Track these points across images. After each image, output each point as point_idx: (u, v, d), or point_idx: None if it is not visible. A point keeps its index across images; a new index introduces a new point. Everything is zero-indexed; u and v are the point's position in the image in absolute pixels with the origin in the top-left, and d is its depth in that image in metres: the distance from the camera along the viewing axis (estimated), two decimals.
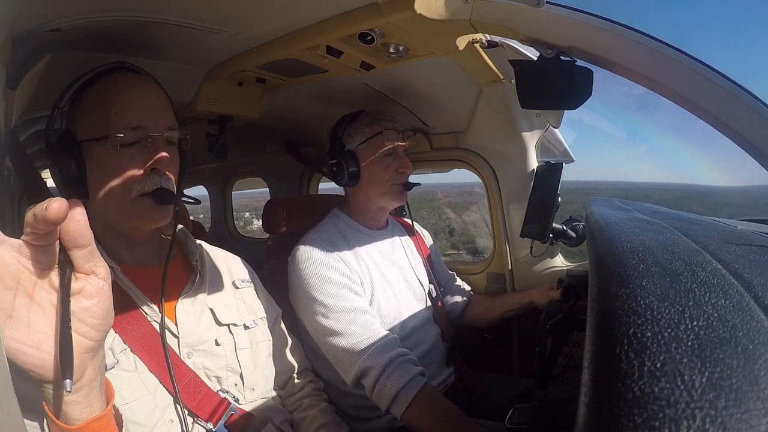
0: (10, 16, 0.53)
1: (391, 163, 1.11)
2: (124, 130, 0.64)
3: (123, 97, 0.66)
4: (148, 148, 0.66)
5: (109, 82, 0.67)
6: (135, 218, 0.67)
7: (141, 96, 0.67)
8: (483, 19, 0.77)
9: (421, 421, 0.87)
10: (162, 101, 0.70)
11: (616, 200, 0.96)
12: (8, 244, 0.36)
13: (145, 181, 0.65)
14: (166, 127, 0.68)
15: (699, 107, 0.66)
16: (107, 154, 0.64)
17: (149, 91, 0.69)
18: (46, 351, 0.38)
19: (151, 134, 0.66)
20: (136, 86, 0.68)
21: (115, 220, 0.68)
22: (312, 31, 0.85)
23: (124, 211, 0.66)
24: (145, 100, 0.67)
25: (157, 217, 0.68)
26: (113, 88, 0.66)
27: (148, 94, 0.68)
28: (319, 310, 0.97)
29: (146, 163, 0.65)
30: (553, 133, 1.34)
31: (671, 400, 0.16)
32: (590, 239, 0.50)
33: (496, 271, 1.49)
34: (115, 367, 0.61)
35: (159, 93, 0.71)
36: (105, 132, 0.64)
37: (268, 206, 1.26)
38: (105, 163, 0.65)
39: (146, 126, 0.66)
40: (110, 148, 0.64)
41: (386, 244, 1.20)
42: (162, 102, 0.70)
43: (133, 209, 0.66)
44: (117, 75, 0.69)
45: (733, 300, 0.24)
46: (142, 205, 0.66)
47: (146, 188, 0.65)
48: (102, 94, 0.66)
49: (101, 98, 0.66)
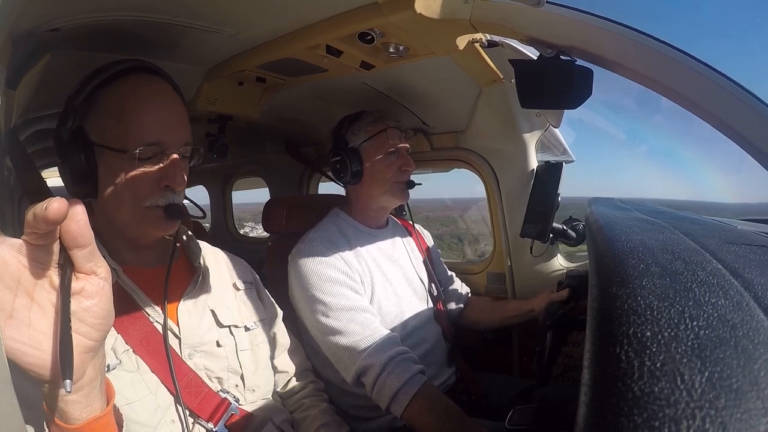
0: (11, 16, 0.53)
1: (393, 161, 1.11)
2: (142, 145, 0.63)
3: (142, 109, 0.65)
4: (163, 164, 0.66)
5: (128, 87, 0.66)
6: (145, 225, 0.67)
7: (161, 108, 0.66)
8: (483, 18, 0.77)
9: (421, 420, 0.87)
10: (181, 114, 0.69)
11: (616, 200, 0.96)
12: (8, 243, 0.36)
13: (158, 195, 0.66)
14: (183, 143, 0.68)
15: (699, 107, 0.66)
16: (123, 164, 0.64)
17: (169, 104, 0.68)
18: (46, 351, 0.38)
19: (168, 151, 0.66)
20: (156, 96, 0.67)
21: (124, 224, 0.68)
22: (312, 30, 0.85)
23: (134, 217, 0.66)
24: (164, 114, 0.66)
25: (166, 228, 0.69)
26: (132, 97, 0.65)
27: (169, 107, 0.68)
28: (319, 308, 0.97)
29: (161, 178, 0.65)
30: (553, 133, 1.34)
31: (671, 399, 0.16)
32: (590, 239, 0.50)
33: (496, 271, 1.49)
34: (117, 368, 0.61)
35: (178, 105, 0.70)
36: (123, 145, 0.63)
37: (268, 206, 1.26)
38: (119, 171, 0.64)
39: (164, 142, 0.65)
40: (126, 159, 0.64)
41: (387, 242, 1.20)
42: (181, 115, 0.69)
43: (144, 217, 0.66)
44: (135, 79, 0.67)
45: (733, 300, 0.24)
46: (152, 215, 0.66)
47: (159, 202, 0.66)
48: (120, 100, 0.65)
49: (120, 106, 0.64)
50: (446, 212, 7.33)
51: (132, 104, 0.65)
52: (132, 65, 0.68)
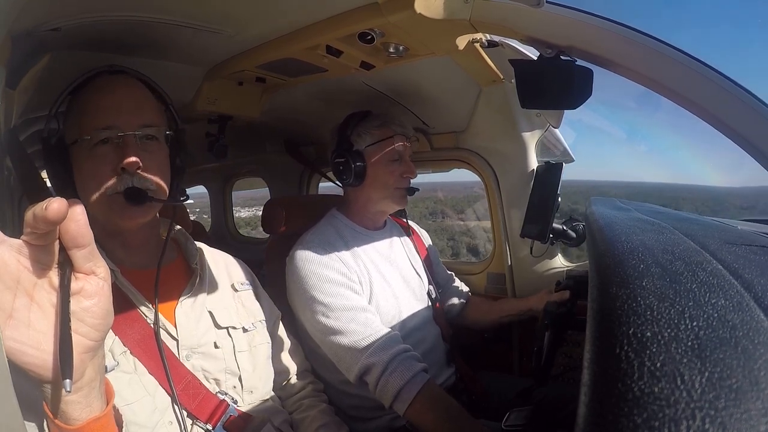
0: (10, 16, 0.53)
1: (396, 167, 1.12)
2: (93, 131, 0.64)
3: (95, 98, 0.67)
4: (120, 148, 0.65)
5: (91, 86, 0.68)
6: (112, 215, 0.66)
7: (113, 96, 0.67)
8: (483, 18, 0.77)
9: (424, 418, 0.87)
10: (136, 98, 0.69)
11: (616, 200, 0.96)
12: (8, 243, 0.36)
13: (117, 180, 0.65)
14: (139, 125, 0.67)
15: (699, 107, 0.66)
16: (83, 155, 0.66)
17: (123, 90, 0.68)
18: (46, 351, 0.38)
19: (120, 133, 0.65)
20: (108, 86, 0.68)
21: (102, 218, 0.68)
22: (312, 30, 0.85)
23: (102, 209, 0.66)
24: (116, 99, 0.67)
25: (131, 215, 0.67)
26: (89, 91, 0.68)
27: (122, 93, 0.68)
28: (319, 309, 0.97)
29: (118, 163, 0.64)
30: (553, 133, 1.34)
31: (671, 400, 0.16)
32: (590, 239, 0.50)
33: (495, 271, 1.49)
34: (115, 369, 0.61)
35: (135, 90, 0.70)
36: (79, 134, 0.65)
37: (267, 206, 1.26)
38: (82, 164, 0.66)
39: (116, 125, 0.65)
40: (84, 149, 0.65)
41: (384, 243, 1.20)
42: (137, 99, 0.69)
43: (110, 207, 0.66)
44: (98, 78, 0.69)
45: (733, 300, 0.24)
46: (115, 203, 0.65)
47: (118, 188, 0.65)
48: (83, 97, 0.68)
49: (82, 102, 0.68)
50: None
51: (87, 97, 0.67)
52: (100, 69, 0.70)
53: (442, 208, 10.53)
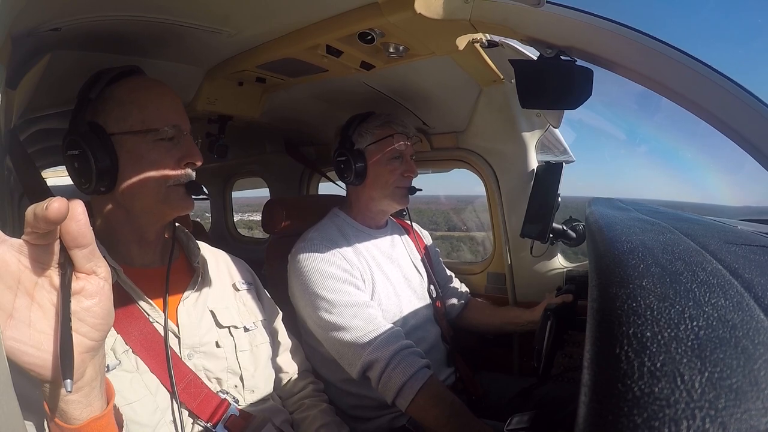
0: (10, 16, 0.53)
1: (397, 166, 1.12)
2: (167, 125, 0.69)
3: (150, 96, 0.71)
4: (181, 145, 0.72)
5: (135, 82, 0.72)
6: (168, 206, 0.71)
7: (171, 97, 0.74)
8: (483, 18, 0.77)
9: (426, 414, 0.87)
10: (181, 104, 0.76)
11: (616, 200, 0.96)
12: (8, 243, 0.36)
13: (180, 173, 0.71)
14: (189, 129, 0.74)
15: (699, 107, 0.66)
16: (146, 147, 0.68)
17: (173, 94, 0.75)
18: (46, 351, 0.38)
19: (184, 132, 0.72)
20: (158, 87, 0.74)
21: (144, 210, 0.70)
22: (312, 30, 0.85)
23: (158, 199, 0.70)
24: (175, 100, 0.74)
25: (187, 206, 0.73)
26: (142, 89, 0.71)
27: (173, 96, 0.74)
28: (322, 305, 0.97)
29: (182, 157, 0.71)
30: (553, 133, 1.34)
31: (671, 400, 0.16)
32: (590, 239, 0.50)
33: (495, 271, 1.49)
34: (117, 368, 0.61)
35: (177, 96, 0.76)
36: (148, 126, 0.68)
37: (267, 206, 1.26)
38: (142, 155, 0.68)
39: (180, 125, 0.72)
40: (150, 141, 0.68)
41: (386, 242, 1.20)
42: (181, 104, 0.76)
43: (167, 197, 0.70)
44: (141, 78, 0.74)
45: (733, 300, 0.24)
46: (175, 194, 0.71)
47: (181, 180, 0.71)
48: (131, 92, 0.70)
49: (136, 96, 0.69)
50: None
51: (145, 93, 0.71)
52: (131, 68, 0.74)
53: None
